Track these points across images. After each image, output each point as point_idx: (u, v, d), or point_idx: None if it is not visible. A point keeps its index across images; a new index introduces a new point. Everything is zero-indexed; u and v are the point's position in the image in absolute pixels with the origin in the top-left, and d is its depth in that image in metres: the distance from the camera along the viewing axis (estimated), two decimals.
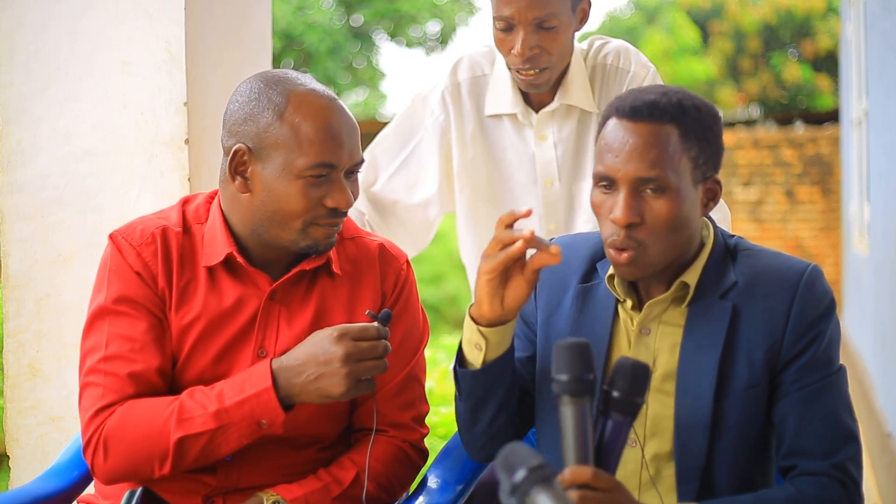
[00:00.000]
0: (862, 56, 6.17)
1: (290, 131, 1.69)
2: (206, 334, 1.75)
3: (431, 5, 16.10)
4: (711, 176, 1.64)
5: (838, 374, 1.65)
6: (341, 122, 1.72)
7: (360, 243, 1.87)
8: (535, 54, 2.27)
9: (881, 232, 4.79)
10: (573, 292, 1.74)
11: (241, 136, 1.72)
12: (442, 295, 9.60)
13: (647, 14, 17.66)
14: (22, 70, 2.49)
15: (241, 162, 1.72)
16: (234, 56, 2.73)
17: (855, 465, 1.62)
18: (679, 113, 1.60)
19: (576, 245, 1.79)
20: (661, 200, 1.59)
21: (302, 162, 1.68)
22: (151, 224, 1.78)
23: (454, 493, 1.82)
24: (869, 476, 4.66)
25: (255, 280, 1.77)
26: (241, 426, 1.65)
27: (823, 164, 10.01)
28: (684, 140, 1.60)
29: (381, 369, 1.65)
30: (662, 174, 1.58)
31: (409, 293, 1.88)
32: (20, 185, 2.49)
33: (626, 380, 1.47)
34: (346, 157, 1.72)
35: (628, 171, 1.59)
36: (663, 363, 1.66)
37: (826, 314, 1.65)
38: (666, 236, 1.60)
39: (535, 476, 1.20)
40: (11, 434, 2.53)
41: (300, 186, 1.69)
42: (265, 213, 1.72)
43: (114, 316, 1.73)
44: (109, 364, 1.70)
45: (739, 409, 1.62)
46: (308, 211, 1.70)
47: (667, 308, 1.68)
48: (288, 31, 14.79)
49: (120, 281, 1.74)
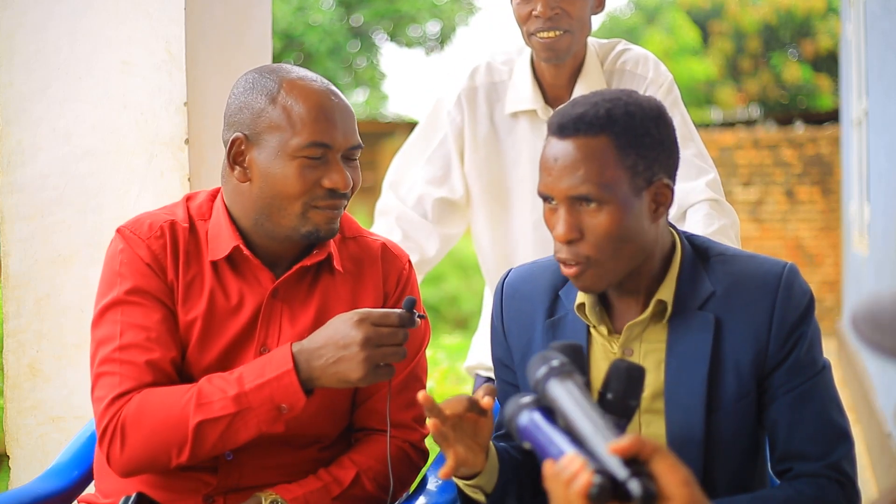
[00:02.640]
0: (862, 56, 6.17)
1: (283, 113, 1.70)
2: (209, 331, 1.75)
3: (431, 5, 16.10)
4: (659, 180, 1.58)
5: (823, 372, 1.63)
6: (334, 103, 1.73)
7: (361, 242, 1.87)
8: (557, 14, 2.32)
9: (881, 232, 4.79)
10: (541, 329, 1.70)
11: (238, 125, 1.73)
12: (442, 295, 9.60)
13: (647, 14, 17.66)
14: (22, 70, 2.49)
15: (238, 151, 1.73)
16: (234, 56, 2.73)
17: (849, 463, 1.61)
18: (608, 123, 1.55)
19: (533, 278, 1.75)
20: (599, 215, 1.55)
21: (296, 142, 1.69)
22: (159, 218, 1.79)
23: (454, 493, 1.82)
24: (869, 476, 4.66)
25: (258, 277, 1.77)
26: (261, 411, 1.63)
27: (823, 164, 10.01)
28: (618, 150, 1.54)
29: (401, 356, 1.63)
30: (593, 189, 1.53)
31: (410, 293, 1.88)
32: (20, 185, 2.49)
33: (621, 382, 1.46)
34: (341, 137, 1.72)
35: (561, 189, 1.55)
36: (650, 382, 1.63)
37: (806, 315, 1.62)
38: (611, 249, 1.56)
39: (554, 371, 1.21)
40: (11, 434, 2.52)
41: (296, 167, 1.69)
42: (265, 200, 1.72)
43: (127, 306, 1.72)
44: (125, 353, 1.69)
45: (731, 420, 1.61)
46: (305, 192, 1.70)
47: (646, 326, 1.64)
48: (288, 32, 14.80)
49: (132, 273, 1.74)
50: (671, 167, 1.60)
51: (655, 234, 1.61)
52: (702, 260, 1.66)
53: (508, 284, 1.78)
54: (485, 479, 1.61)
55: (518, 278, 1.77)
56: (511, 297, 1.76)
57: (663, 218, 1.61)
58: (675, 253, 1.65)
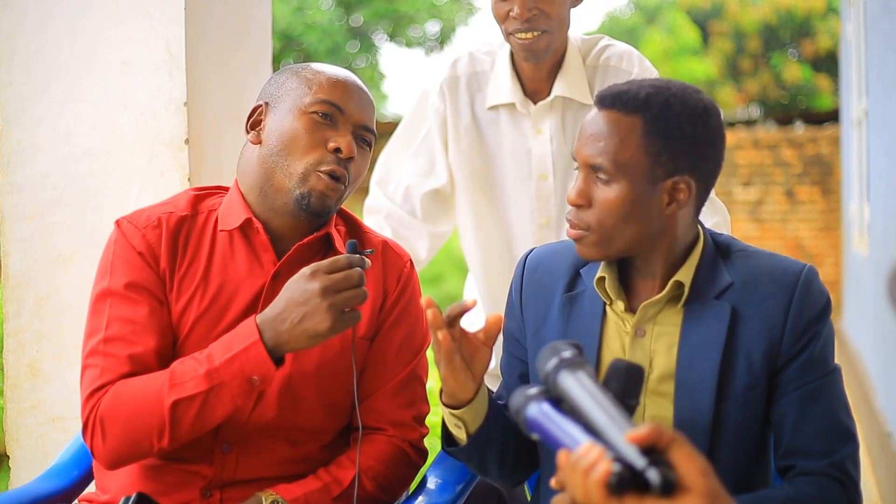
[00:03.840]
0: (862, 56, 6.17)
1: (304, 81, 1.78)
2: (210, 314, 1.76)
3: (431, 6, 16.10)
4: (681, 177, 1.58)
5: (834, 373, 1.64)
6: (353, 82, 1.80)
7: (363, 238, 1.88)
8: (534, 15, 2.32)
9: (881, 232, 4.79)
10: (559, 302, 1.73)
11: (263, 97, 1.81)
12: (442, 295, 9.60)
13: (647, 14, 17.66)
14: (22, 70, 2.49)
15: (257, 119, 1.80)
16: (234, 56, 2.73)
17: (853, 464, 1.62)
18: (643, 106, 1.57)
19: (557, 254, 1.78)
20: (608, 189, 1.59)
21: (308, 98, 1.75)
22: (158, 210, 1.81)
23: (454, 493, 1.82)
24: (869, 476, 4.66)
25: (261, 259, 1.78)
26: (233, 385, 1.63)
27: (823, 164, 10.01)
28: (645, 134, 1.57)
29: (362, 298, 1.63)
30: (608, 163, 1.57)
31: (411, 293, 1.88)
32: (20, 185, 2.49)
33: (620, 381, 1.46)
34: (354, 108, 1.77)
35: (582, 156, 1.61)
36: (660, 365, 1.65)
37: (822, 315, 1.65)
38: (611, 225, 1.59)
39: (564, 363, 1.22)
40: (11, 434, 2.52)
41: (305, 122, 1.74)
42: (271, 159, 1.75)
43: (116, 298, 1.73)
44: (109, 346, 1.70)
45: (739, 410, 1.62)
46: (311, 149, 1.73)
47: (661, 309, 1.66)
48: (287, 32, 14.80)
49: (124, 265, 1.75)
50: (702, 170, 1.60)
51: (666, 226, 1.62)
52: (723, 255, 1.69)
53: (532, 258, 1.81)
54: (470, 414, 1.64)
55: (542, 253, 1.80)
56: (533, 271, 1.79)
57: (683, 211, 1.62)
58: (698, 244, 1.68)
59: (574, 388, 1.20)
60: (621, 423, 1.10)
